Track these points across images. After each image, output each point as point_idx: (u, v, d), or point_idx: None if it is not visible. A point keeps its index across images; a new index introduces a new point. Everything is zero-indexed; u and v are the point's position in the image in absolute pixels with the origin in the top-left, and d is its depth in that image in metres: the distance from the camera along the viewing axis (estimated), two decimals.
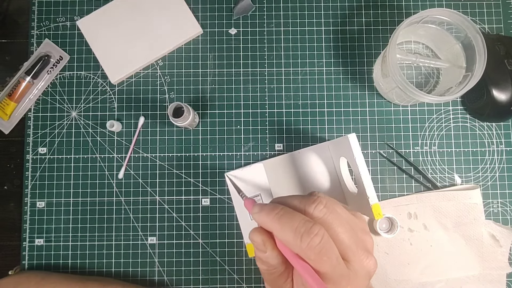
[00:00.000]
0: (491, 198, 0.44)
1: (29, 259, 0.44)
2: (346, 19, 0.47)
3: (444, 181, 0.45)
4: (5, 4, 0.49)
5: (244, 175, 0.43)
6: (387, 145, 0.45)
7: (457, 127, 0.46)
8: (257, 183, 0.42)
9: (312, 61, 0.46)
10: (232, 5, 0.47)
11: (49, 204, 0.44)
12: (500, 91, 0.42)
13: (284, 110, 0.46)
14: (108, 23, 0.46)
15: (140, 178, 0.45)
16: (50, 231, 0.44)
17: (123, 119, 0.46)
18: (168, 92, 0.46)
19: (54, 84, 0.46)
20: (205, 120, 0.46)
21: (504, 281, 0.42)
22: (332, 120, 0.45)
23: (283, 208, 0.23)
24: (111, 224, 0.44)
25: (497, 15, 0.47)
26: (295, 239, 0.22)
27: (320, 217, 0.23)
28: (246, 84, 0.46)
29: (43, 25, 0.47)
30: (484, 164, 0.45)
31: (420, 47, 0.46)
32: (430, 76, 0.46)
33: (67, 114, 0.46)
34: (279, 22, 0.47)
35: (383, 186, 0.45)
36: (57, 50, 0.46)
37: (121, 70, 0.45)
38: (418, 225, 0.43)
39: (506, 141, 0.45)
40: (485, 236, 0.42)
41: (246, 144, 0.45)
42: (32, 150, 0.45)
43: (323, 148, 0.44)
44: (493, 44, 0.43)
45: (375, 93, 0.46)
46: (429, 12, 0.39)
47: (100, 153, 0.45)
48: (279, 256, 0.24)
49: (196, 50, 0.47)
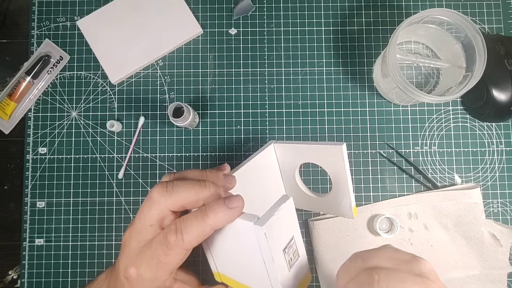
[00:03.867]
0: (491, 198, 0.44)
1: (29, 259, 0.44)
2: (346, 19, 0.47)
3: (444, 181, 0.45)
4: (5, 4, 0.49)
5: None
6: (387, 145, 0.45)
7: (457, 127, 0.46)
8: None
9: (312, 61, 0.47)
10: (232, 5, 0.47)
11: (49, 204, 0.44)
12: (500, 91, 0.42)
13: (284, 110, 0.46)
14: (108, 23, 0.46)
15: (140, 178, 0.45)
16: (50, 231, 0.44)
17: (123, 119, 0.46)
18: (168, 92, 0.46)
19: (54, 84, 0.46)
20: (205, 120, 0.46)
21: (505, 280, 0.42)
22: (332, 120, 0.45)
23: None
24: (111, 224, 0.44)
25: (497, 15, 0.47)
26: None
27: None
28: (246, 84, 0.46)
29: (43, 25, 0.47)
30: (484, 164, 0.45)
31: (420, 47, 0.46)
32: (430, 76, 0.46)
33: (67, 114, 0.46)
34: (279, 22, 0.47)
35: (383, 186, 0.45)
36: (57, 50, 0.46)
37: (121, 70, 0.45)
38: (418, 225, 0.43)
39: (506, 141, 0.45)
40: (486, 235, 0.42)
41: (246, 144, 0.45)
42: (32, 150, 0.45)
43: (266, 155, 0.38)
44: (493, 44, 0.43)
45: (375, 93, 0.46)
46: (429, 12, 0.39)
47: (100, 153, 0.45)
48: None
49: (196, 50, 0.47)
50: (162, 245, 0.25)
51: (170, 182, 0.26)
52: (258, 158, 0.36)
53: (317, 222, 0.43)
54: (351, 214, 0.34)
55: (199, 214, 0.25)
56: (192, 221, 0.25)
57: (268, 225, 0.23)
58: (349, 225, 0.43)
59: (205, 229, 0.25)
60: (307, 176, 0.45)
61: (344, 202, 0.34)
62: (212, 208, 0.25)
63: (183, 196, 0.26)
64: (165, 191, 0.26)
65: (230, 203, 0.25)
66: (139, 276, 0.26)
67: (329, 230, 0.43)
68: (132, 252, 0.26)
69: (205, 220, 0.25)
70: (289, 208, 0.26)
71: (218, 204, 0.25)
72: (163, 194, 0.26)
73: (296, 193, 0.39)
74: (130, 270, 0.26)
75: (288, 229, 0.26)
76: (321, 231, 0.43)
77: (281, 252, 0.25)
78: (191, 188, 0.26)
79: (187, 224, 0.25)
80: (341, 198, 0.34)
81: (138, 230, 0.26)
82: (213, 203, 0.25)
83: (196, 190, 0.26)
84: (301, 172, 0.38)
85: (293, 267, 0.27)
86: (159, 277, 0.26)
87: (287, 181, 0.39)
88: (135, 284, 0.26)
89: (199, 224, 0.25)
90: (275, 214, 0.24)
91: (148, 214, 0.26)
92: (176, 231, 0.25)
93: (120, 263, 0.27)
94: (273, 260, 0.24)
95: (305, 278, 0.28)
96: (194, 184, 0.26)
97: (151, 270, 0.25)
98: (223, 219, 0.25)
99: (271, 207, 0.25)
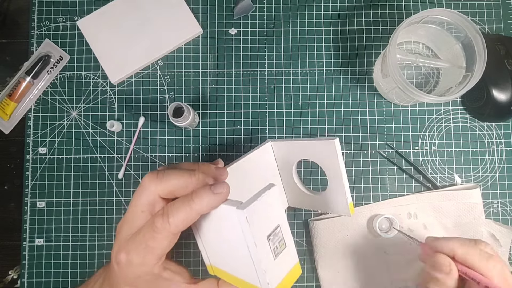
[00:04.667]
0: (491, 198, 0.44)
1: (29, 259, 0.44)
2: (346, 19, 0.47)
3: (444, 181, 0.45)
4: (5, 4, 0.49)
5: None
6: (387, 145, 0.45)
7: (457, 127, 0.46)
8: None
9: (312, 61, 0.47)
10: (232, 5, 0.47)
11: (49, 204, 0.44)
12: (500, 91, 0.42)
13: (284, 110, 0.46)
14: (108, 23, 0.46)
15: (140, 178, 0.45)
16: (50, 231, 0.44)
17: (123, 119, 0.46)
18: (168, 92, 0.46)
19: (54, 84, 0.46)
20: (205, 120, 0.46)
21: None
22: (332, 120, 0.46)
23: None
24: (111, 224, 0.44)
25: (497, 15, 0.47)
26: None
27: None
28: (246, 84, 0.46)
29: (43, 25, 0.47)
30: (484, 164, 0.45)
31: (420, 47, 0.46)
32: (430, 76, 0.46)
33: (67, 114, 0.46)
34: (279, 22, 0.47)
35: (383, 186, 0.45)
36: (57, 50, 0.46)
37: (121, 70, 0.45)
38: (418, 225, 0.43)
39: (506, 141, 0.45)
40: (485, 235, 0.42)
41: (246, 144, 0.45)
42: (32, 150, 0.45)
43: (264, 152, 0.38)
44: (493, 44, 0.43)
45: (375, 93, 0.46)
46: (429, 12, 0.39)
47: (100, 153, 0.45)
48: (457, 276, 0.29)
49: (196, 50, 0.47)
50: (150, 229, 0.26)
51: (161, 170, 0.28)
52: (254, 155, 0.36)
53: (317, 222, 0.43)
54: (347, 211, 0.34)
55: (185, 199, 0.26)
56: (179, 205, 0.26)
57: (250, 210, 0.24)
58: (349, 225, 0.43)
59: (191, 213, 0.26)
60: (307, 176, 0.45)
61: (340, 198, 0.34)
62: (197, 193, 0.26)
63: (172, 182, 0.27)
64: (156, 177, 0.27)
65: (216, 188, 0.26)
66: (128, 261, 0.26)
67: (329, 230, 0.43)
68: (123, 238, 0.27)
69: (191, 205, 0.26)
70: (273, 195, 0.26)
71: (204, 189, 0.26)
72: (153, 180, 0.27)
73: (294, 192, 0.39)
74: (120, 256, 0.26)
75: (273, 217, 0.26)
76: (321, 231, 0.43)
77: (265, 238, 0.25)
78: (180, 175, 0.27)
79: (173, 208, 0.26)
80: (336, 195, 0.34)
81: (130, 217, 0.27)
82: (199, 189, 0.26)
83: (185, 177, 0.27)
84: (300, 172, 0.38)
85: (279, 256, 0.26)
86: (147, 262, 0.26)
87: (285, 180, 0.39)
88: (125, 269, 0.27)
89: (185, 208, 0.26)
90: (258, 200, 0.24)
91: (139, 200, 0.27)
92: (163, 215, 0.26)
93: (112, 250, 0.28)
94: (256, 245, 0.24)
95: (294, 270, 0.28)
96: (184, 172, 0.27)
97: (140, 255, 0.26)
98: (208, 203, 0.26)
99: (255, 194, 0.25)
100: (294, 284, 0.43)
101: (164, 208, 0.26)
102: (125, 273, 0.27)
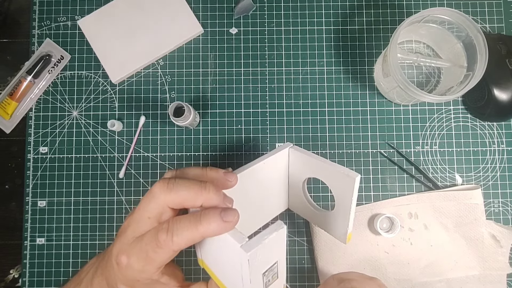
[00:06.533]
0: (492, 197, 0.44)
1: (30, 258, 0.44)
2: (346, 19, 0.47)
3: (445, 181, 0.45)
4: (6, 4, 0.49)
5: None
6: (388, 144, 0.45)
7: (458, 126, 0.45)
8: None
9: (313, 60, 0.46)
10: (232, 4, 0.47)
11: (50, 203, 0.45)
12: (501, 91, 0.42)
13: (285, 110, 0.46)
14: (109, 22, 0.46)
15: (141, 177, 0.45)
16: (51, 230, 0.44)
17: (124, 119, 0.46)
18: (169, 91, 0.46)
19: (55, 84, 0.46)
20: (205, 120, 0.46)
21: (505, 281, 0.42)
22: (333, 120, 0.45)
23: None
24: (112, 223, 0.44)
25: (499, 14, 0.47)
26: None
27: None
28: (246, 84, 0.46)
29: (44, 24, 0.47)
30: (485, 163, 0.45)
31: (421, 46, 0.46)
32: (431, 76, 0.46)
33: (68, 114, 0.46)
34: (279, 22, 0.47)
35: (384, 186, 0.45)
36: (58, 49, 0.46)
37: (122, 69, 0.45)
38: (418, 225, 0.43)
39: (507, 141, 0.45)
40: (486, 236, 0.42)
41: (247, 143, 0.45)
42: (33, 149, 0.45)
43: (281, 157, 0.37)
44: (495, 43, 0.43)
45: (376, 93, 0.46)
46: (430, 11, 0.39)
47: (101, 152, 0.45)
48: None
49: (197, 50, 0.47)
50: (152, 242, 0.26)
51: (172, 179, 0.27)
52: (269, 161, 0.35)
53: None
54: (344, 238, 0.34)
55: (193, 219, 0.26)
56: (185, 224, 0.26)
57: (253, 253, 0.24)
58: None
59: (195, 235, 0.26)
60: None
61: (341, 225, 0.34)
62: (206, 217, 0.25)
63: (182, 194, 0.26)
64: (166, 187, 0.27)
65: (226, 216, 0.25)
66: (129, 265, 0.26)
67: None
68: (126, 240, 0.27)
69: (197, 227, 0.25)
70: (280, 237, 0.26)
71: (214, 214, 0.25)
72: (164, 190, 0.26)
73: (297, 200, 0.39)
74: (122, 258, 0.27)
75: (274, 255, 0.26)
76: (321, 231, 0.43)
77: (261, 275, 0.25)
78: (191, 187, 0.27)
79: (179, 227, 0.26)
80: (338, 220, 0.34)
81: (136, 220, 0.27)
82: (208, 211, 0.26)
83: (196, 190, 0.27)
84: (309, 181, 0.38)
85: (269, 287, 0.27)
86: (146, 270, 0.27)
87: (292, 187, 0.39)
88: (125, 271, 0.27)
89: (191, 229, 0.25)
90: (263, 243, 0.24)
91: (147, 207, 0.27)
92: (168, 231, 0.25)
93: (114, 248, 0.28)
94: (250, 282, 0.24)
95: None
96: (195, 184, 0.27)
97: (140, 263, 0.26)
98: (215, 229, 0.25)
99: (262, 232, 0.25)
100: (295, 284, 0.43)
101: (170, 222, 0.26)
102: (124, 274, 0.27)
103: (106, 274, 0.29)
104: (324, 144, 0.45)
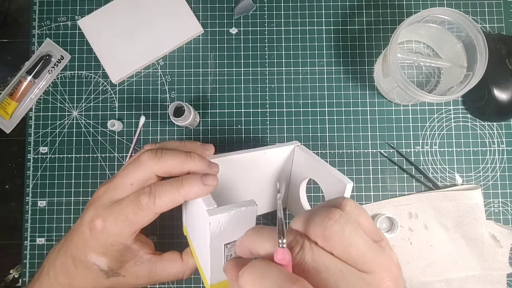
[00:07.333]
0: (492, 197, 0.44)
1: (30, 258, 0.44)
2: (346, 19, 0.47)
3: (445, 181, 0.45)
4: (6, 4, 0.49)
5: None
6: (387, 144, 0.45)
7: (458, 126, 0.45)
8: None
9: (313, 60, 0.46)
10: (232, 4, 0.47)
11: (50, 203, 0.45)
12: (501, 91, 0.42)
13: (285, 110, 0.46)
14: (109, 22, 0.46)
15: None
16: (51, 230, 0.44)
17: (124, 119, 0.46)
18: (169, 91, 0.46)
19: (55, 84, 0.46)
20: (205, 120, 0.46)
21: (505, 281, 0.42)
22: (333, 120, 0.45)
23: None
24: None
25: (499, 14, 0.47)
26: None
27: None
28: (246, 84, 0.46)
29: (44, 24, 0.47)
30: (485, 163, 0.45)
31: (421, 46, 0.46)
32: (431, 76, 0.46)
33: (68, 114, 0.46)
34: (279, 22, 0.47)
35: (384, 186, 0.45)
36: (58, 49, 0.46)
37: (122, 69, 0.45)
38: (418, 225, 0.43)
39: (507, 141, 0.45)
40: (486, 236, 0.42)
41: (247, 143, 0.45)
42: (33, 149, 0.45)
43: (284, 153, 0.37)
44: (495, 43, 0.43)
45: (375, 93, 0.46)
46: (430, 11, 0.39)
47: (101, 152, 0.45)
48: None
49: (197, 50, 0.47)
50: (133, 204, 0.26)
51: (159, 150, 0.28)
52: (271, 152, 0.36)
53: None
54: None
55: (175, 183, 0.27)
56: (167, 188, 0.27)
57: (216, 218, 0.25)
58: None
59: (177, 198, 0.27)
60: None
61: None
62: (188, 181, 0.27)
63: (170, 163, 0.28)
64: (155, 156, 0.28)
65: (206, 180, 0.27)
66: (104, 229, 0.27)
67: None
68: (103, 205, 0.28)
69: (179, 190, 0.26)
70: (248, 213, 0.26)
71: (195, 178, 0.27)
72: (152, 159, 0.28)
73: (294, 202, 0.39)
74: (96, 222, 0.27)
75: (240, 231, 0.25)
76: None
77: (222, 245, 0.26)
78: (178, 156, 0.28)
79: (161, 190, 0.26)
80: None
81: (115, 186, 0.28)
82: (190, 176, 0.27)
83: (182, 158, 0.28)
84: (310, 181, 0.37)
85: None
86: (123, 233, 0.27)
87: (292, 187, 0.39)
88: (99, 235, 0.27)
89: (173, 192, 0.26)
90: (229, 212, 0.25)
91: (132, 173, 0.28)
92: (150, 194, 0.26)
93: (86, 215, 0.28)
94: (210, 248, 0.25)
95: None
96: (180, 153, 0.28)
97: (117, 226, 0.27)
98: (196, 192, 0.27)
99: (236, 204, 0.26)
100: None
101: (151, 186, 0.27)
102: (97, 239, 0.27)
103: (72, 250, 0.29)
104: (324, 144, 0.45)
